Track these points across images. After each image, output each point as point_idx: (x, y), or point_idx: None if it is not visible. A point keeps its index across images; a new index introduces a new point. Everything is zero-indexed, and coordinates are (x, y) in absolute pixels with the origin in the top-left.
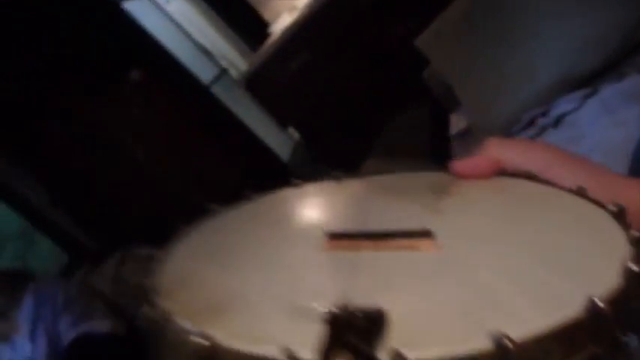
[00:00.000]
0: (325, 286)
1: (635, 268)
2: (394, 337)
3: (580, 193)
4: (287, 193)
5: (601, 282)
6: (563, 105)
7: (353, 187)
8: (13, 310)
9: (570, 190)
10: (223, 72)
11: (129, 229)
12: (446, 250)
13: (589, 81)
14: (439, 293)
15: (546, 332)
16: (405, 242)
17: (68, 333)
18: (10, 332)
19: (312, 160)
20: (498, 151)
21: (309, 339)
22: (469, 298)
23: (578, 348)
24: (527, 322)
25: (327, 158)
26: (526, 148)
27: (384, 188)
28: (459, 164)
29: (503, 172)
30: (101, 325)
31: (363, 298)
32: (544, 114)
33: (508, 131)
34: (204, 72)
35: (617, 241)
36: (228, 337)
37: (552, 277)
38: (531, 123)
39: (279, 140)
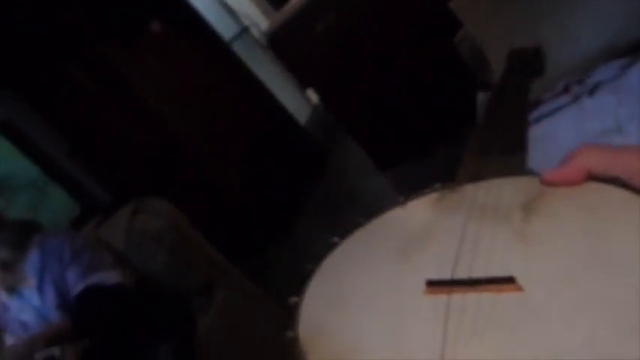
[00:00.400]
0: (425, 338)
1: None
2: None
3: None
4: (393, 218)
5: None
6: (600, 73)
7: (452, 202)
8: (20, 261)
9: None
10: (245, 30)
11: (142, 182)
12: (527, 293)
13: (630, 51)
14: (515, 346)
15: None
16: (492, 287)
17: (77, 284)
18: (17, 283)
19: (329, 124)
20: (588, 158)
21: None
22: (539, 353)
23: None
24: None
25: (346, 123)
26: (616, 154)
27: (478, 206)
28: (550, 176)
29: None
30: (110, 276)
31: (453, 355)
32: (580, 82)
33: (539, 97)
34: (225, 29)
35: None
36: None
37: (620, 328)
38: (566, 90)
39: (297, 103)
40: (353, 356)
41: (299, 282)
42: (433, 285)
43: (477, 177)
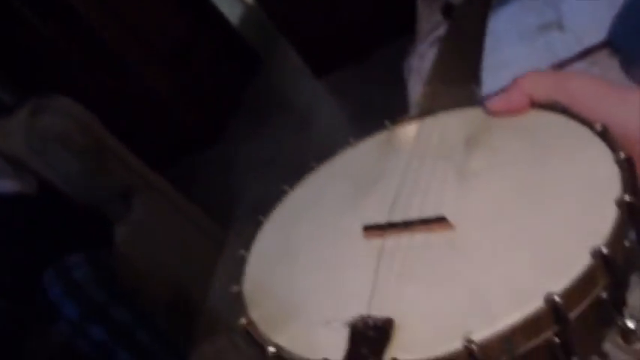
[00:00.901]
0: (358, 286)
1: (604, 250)
2: (397, 340)
3: (604, 135)
4: (342, 161)
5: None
6: None
7: (398, 141)
8: None
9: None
10: None
11: (51, 79)
12: (458, 231)
13: None
14: (439, 284)
15: (508, 327)
16: (424, 227)
17: None
18: None
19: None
20: (531, 84)
21: (342, 347)
22: (461, 292)
23: (540, 332)
24: (495, 319)
25: (282, 26)
26: (560, 79)
27: (423, 143)
28: (493, 105)
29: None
30: (8, 185)
31: (383, 297)
32: None
33: None
34: None
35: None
36: (290, 345)
37: (536, 264)
38: None
39: (230, 1)
40: (293, 310)
41: (225, 202)
42: (370, 230)
43: (426, 111)
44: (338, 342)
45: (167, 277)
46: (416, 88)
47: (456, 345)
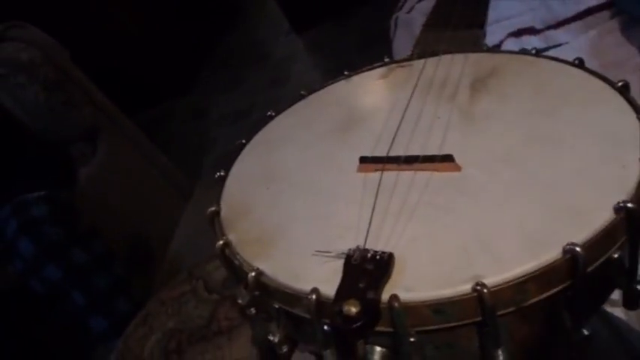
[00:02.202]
0: (353, 218)
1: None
2: (398, 277)
3: (624, 91)
4: (335, 92)
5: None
6: None
7: (398, 79)
8: None
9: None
10: None
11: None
12: (463, 172)
13: None
14: (444, 225)
15: (523, 275)
16: (428, 165)
17: None
18: None
19: None
20: None
21: (334, 278)
22: (468, 235)
23: (554, 284)
24: (508, 265)
25: None
26: None
27: (425, 83)
28: None
29: None
30: None
31: (380, 232)
32: None
33: None
34: None
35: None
36: (274, 271)
37: (548, 214)
38: None
39: None
40: (277, 235)
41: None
42: (366, 162)
43: (429, 53)
44: (328, 274)
45: (128, 222)
46: (404, 40)
47: (464, 288)
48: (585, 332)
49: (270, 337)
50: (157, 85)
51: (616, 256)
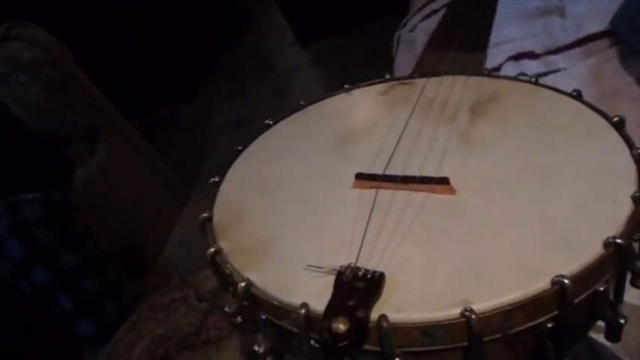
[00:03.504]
0: (347, 233)
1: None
2: (388, 297)
3: (619, 126)
4: (335, 104)
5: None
6: None
7: (398, 96)
8: None
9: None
10: None
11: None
12: (458, 196)
13: None
14: (437, 248)
15: (511, 303)
16: (424, 186)
17: None
18: None
19: None
20: None
21: (324, 294)
22: (461, 259)
23: (541, 313)
24: (497, 292)
25: None
26: None
27: (425, 103)
28: None
29: None
30: None
31: (373, 251)
32: None
33: None
34: None
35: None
36: (264, 283)
37: (540, 244)
38: None
39: None
40: (269, 246)
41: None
42: (362, 178)
43: (431, 73)
44: (319, 289)
45: (124, 224)
46: (405, 58)
47: (453, 312)
48: None
49: (255, 348)
50: (159, 90)
51: (602, 289)
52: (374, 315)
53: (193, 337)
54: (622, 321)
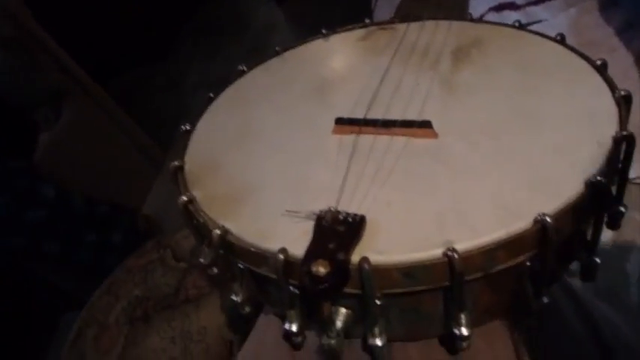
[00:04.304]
0: (327, 180)
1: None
2: (370, 240)
3: (602, 70)
4: (312, 50)
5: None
6: None
7: (378, 42)
8: None
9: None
10: None
11: None
12: (440, 140)
13: None
14: (419, 192)
15: (493, 243)
16: (405, 130)
17: None
18: None
19: None
20: None
21: (303, 239)
22: (442, 201)
23: (522, 251)
24: (480, 233)
25: None
26: None
27: (406, 48)
28: None
29: None
30: None
31: (354, 195)
32: None
33: None
34: None
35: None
36: (240, 230)
37: (522, 185)
38: None
39: None
40: (246, 194)
41: (169, 108)
42: (342, 123)
43: (412, 17)
44: (298, 235)
45: (96, 190)
46: (383, 10)
47: (436, 252)
48: (545, 300)
49: (234, 297)
50: (131, 51)
51: (580, 230)
52: (355, 258)
53: (172, 296)
54: (597, 260)
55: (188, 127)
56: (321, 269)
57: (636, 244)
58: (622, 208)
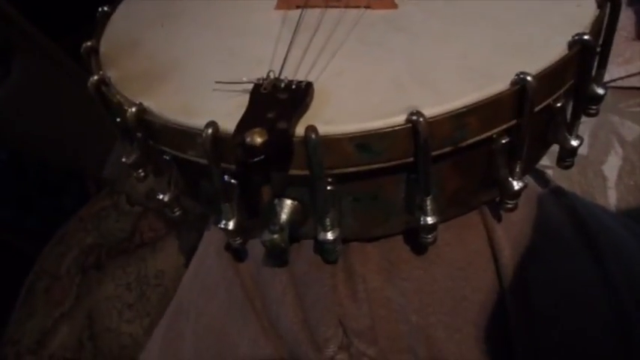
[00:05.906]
0: (267, 52)
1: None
2: (318, 111)
3: None
4: None
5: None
6: None
7: None
8: None
9: None
10: None
11: None
12: (399, 10)
13: None
14: (376, 60)
15: (465, 106)
16: (360, 1)
17: None
18: None
19: None
20: None
21: (236, 113)
22: (403, 68)
23: (497, 122)
24: (448, 96)
25: None
26: None
27: None
28: None
29: None
30: None
31: (299, 66)
32: None
33: None
34: None
35: None
36: (161, 107)
37: (495, 48)
38: None
39: None
40: (170, 70)
41: None
42: None
43: None
44: (230, 109)
45: (53, 149)
46: None
47: (397, 119)
48: (522, 183)
49: (160, 196)
50: (88, 5)
51: (559, 105)
52: (300, 130)
53: (126, 241)
54: (577, 143)
55: (106, 9)
56: (257, 138)
57: (613, 147)
58: (600, 91)
